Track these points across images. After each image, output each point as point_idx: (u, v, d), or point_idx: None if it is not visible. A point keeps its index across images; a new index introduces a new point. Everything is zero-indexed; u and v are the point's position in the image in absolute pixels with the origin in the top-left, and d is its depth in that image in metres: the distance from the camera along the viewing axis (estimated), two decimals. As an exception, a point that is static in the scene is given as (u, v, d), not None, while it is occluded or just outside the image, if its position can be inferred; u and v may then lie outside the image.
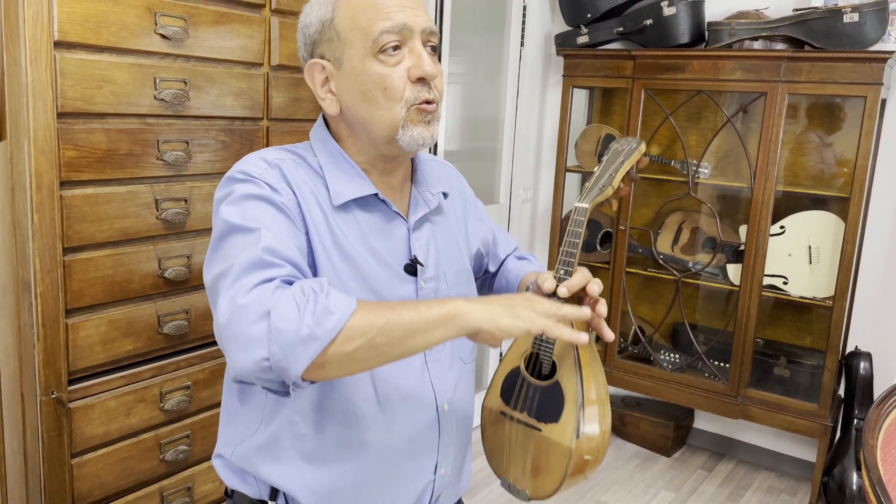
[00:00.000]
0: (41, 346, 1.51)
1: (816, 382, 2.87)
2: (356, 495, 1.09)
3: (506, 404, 1.16)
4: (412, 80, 1.04)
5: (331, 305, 0.88)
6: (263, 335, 0.85)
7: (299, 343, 0.85)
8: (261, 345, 0.85)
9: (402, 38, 1.03)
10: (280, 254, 0.93)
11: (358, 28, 1.03)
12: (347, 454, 1.07)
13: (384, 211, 1.11)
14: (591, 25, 3.17)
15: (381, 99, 1.04)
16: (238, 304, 0.87)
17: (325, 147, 1.11)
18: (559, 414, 1.11)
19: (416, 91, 1.04)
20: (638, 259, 3.27)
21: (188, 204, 1.74)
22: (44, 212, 1.48)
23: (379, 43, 1.02)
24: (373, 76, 1.03)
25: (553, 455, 1.10)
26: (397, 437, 1.09)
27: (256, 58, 1.84)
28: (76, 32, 1.48)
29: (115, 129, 1.58)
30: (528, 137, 3.51)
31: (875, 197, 2.86)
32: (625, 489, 2.94)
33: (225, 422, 1.16)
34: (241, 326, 0.86)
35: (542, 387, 1.13)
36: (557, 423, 1.11)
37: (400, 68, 1.03)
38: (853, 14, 2.61)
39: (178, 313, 1.76)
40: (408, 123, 1.05)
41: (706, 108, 3.15)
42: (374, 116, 1.05)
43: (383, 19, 1.02)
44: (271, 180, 1.02)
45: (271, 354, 0.85)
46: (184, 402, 1.79)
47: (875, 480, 1.59)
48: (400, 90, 1.04)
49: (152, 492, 1.77)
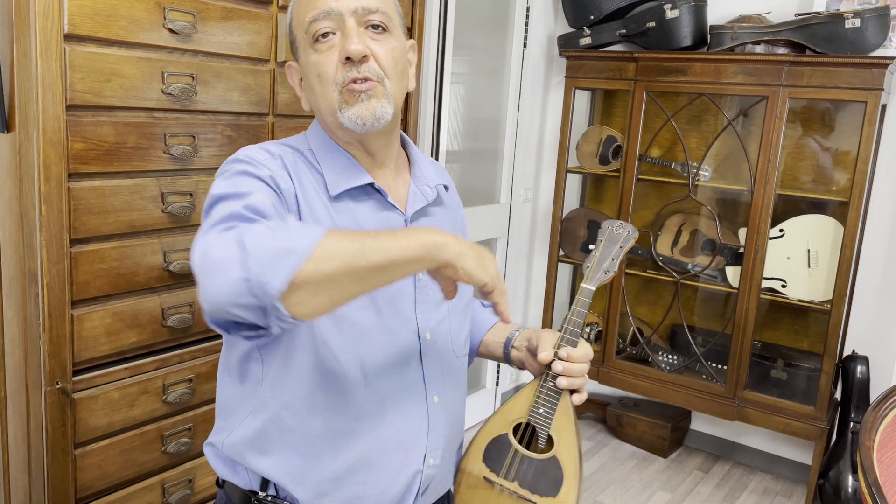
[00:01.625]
0: (47, 337, 1.52)
1: (813, 385, 2.89)
2: (345, 485, 1.09)
3: (491, 471, 1.17)
4: (341, 61, 1.05)
5: (303, 227, 0.86)
6: (239, 257, 0.81)
7: (277, 256, 0.81)
8: (237, 265, 0.81)
9: (334, 23, 1.05)
10: (262, 212, 0.93)
11: (299, 24, 1.08)
12: (336, 445, 1.08)
13: (379, 200, 1.13)
14: (594, 27, 3.18)
15: (318, 86, 1.07)
16: (212, 237, 0.86)
17: (320, 139, 1.13)
18: (557, 489, 1.13)
19: (344, 72, 1.05)
20: (637, 260, 3.29)
21: (194, 198, 1.76)
22: (51, 203, 1.49)
23: (310, 32, 1.06)
24: (311, 66, 1.07)
25: None
26: (385, 428, 1.10)
27: (263, 54, 1.86)
28: (86, 26, 1.49)
29: (122, 123, 1.59)
30: (530, 138, 3.53)
31: (874, 202, 2.88)
32: (621, 489, 2.96)
33: (217, 411, 1.18)
34: (216, 252, 0.83)
35: (537, 460, 1.15)
36: (555, 497, 1.13)
37: (332, 53, 1.05)
38: (855, 20, 2.63)
39: (182, 306, 1.77)
40: (343, 106, 1.06)
41: (707, 111, 3.17)
42: (319, 104, 1.09)
43: (312, 9, 1.05)
44: (272, 167, 1.04)
45: (249, 273, 0.80)
46: (186, 394, 1.80)
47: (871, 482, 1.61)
48: (330, 75, 1.05)
49: (154, 483, 1.78)
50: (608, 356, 3.24)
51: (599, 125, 3.39)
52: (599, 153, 3.28)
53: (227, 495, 1.16)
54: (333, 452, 1.08)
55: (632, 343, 3.31)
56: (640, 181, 3.13)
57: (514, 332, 1.29)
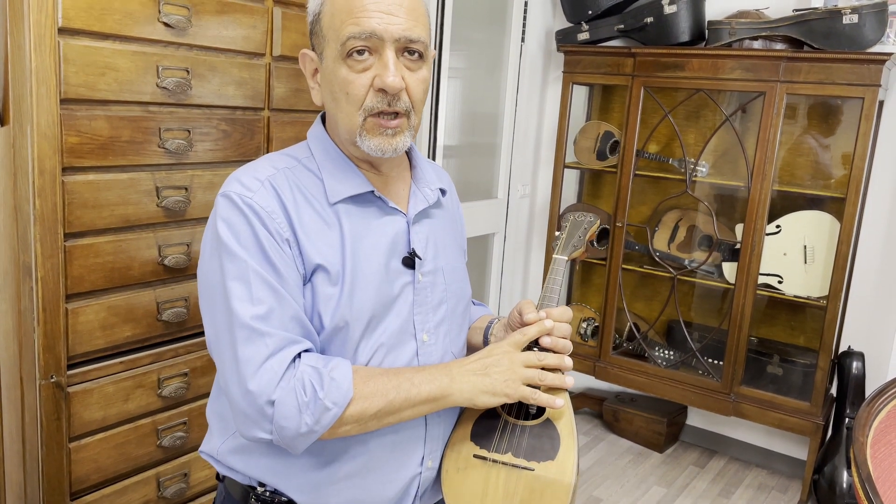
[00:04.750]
0: (41, 331, 1.52)
1: (809, 381, 2.89)
2: (343, 488, 1.10)
3: (482, 448, 1.14)
4: (375, 88, 1.03)
5: (328, 401, 0.98)
6: (269, 424, 0.98)
7: (299, 437, 0.99)
8: (266, 430, 0.99)
9: (371, 44, 1.02)
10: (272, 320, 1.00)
11: (333, 28, 1.04)
12: (334, 448, 1.08)
13: (381, 206, 1.13)
14: (592, 22, 3.18)
15: (343, 102, 1.05)
16: (247, 390, 0.98)
17: (322, 146, 1.13)
18: (555, 451, 1.12)
19: (375, 100, 1.03)
20: (634, 256, 3.29)
21: (189, 192, 1.75)
22: (46, 197, 1.49)
23: (346, 47, 1.02)
24: (339, 79, 1.04)
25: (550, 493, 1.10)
26: (384, 431, 1.10)
27: (258, 48, 1.85)
28: (80, 19, 1.49)
29: (117, 117, 1.59)
30: (528, 133, 3.52)
31: (870, 198, 2.88)
32: (617, 484, 2.97)
33: (210, 420, 1.18)
34: (251, 411, 0.99)
35: (531, 426, 1.14)
36: (554, 460, 1.11)
37: (365, 75, 1.03)
38: (853, 15, 2.63)
39: (177, 300, 1.77)
40: (363, 133, 1.05)
41: (705, 107, 3.16)
42: (339, 118, 1.08)
43: (353, 24, 1.01)
44: (263, 202, 1.03)
45: (274, 438, 1.00)
46: (181, 388, 1.81)
47: (864, 477, 1.61)
48: (359, 98, 1.04)
49: (149, 477, 1.78)
50: (605, 351, 3.25)
51: (597, 120, 3.39)
52: (597, 148, 3.28)
53: (227, 490, 1.16)
54: (332, 456, 1.09)
55: (628, 338, 3.32)
56: (637, 177, 3.13)
57: (493, 320, 1.30)
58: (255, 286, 1.00)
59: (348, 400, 0.99)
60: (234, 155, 1.84)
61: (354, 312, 1.06)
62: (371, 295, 1.08)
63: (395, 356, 1.11)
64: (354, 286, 1.06)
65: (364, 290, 1.07)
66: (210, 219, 1.07)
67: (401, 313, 1.12)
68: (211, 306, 1.04)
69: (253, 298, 0.99)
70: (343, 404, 0.99)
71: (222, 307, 1.01)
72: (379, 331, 1.09)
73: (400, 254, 1.12)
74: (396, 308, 1.11)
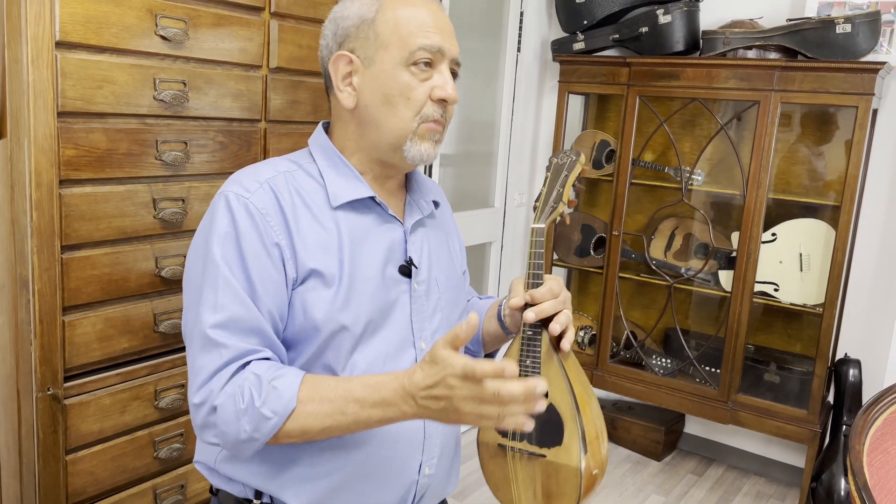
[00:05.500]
0: (38, 343, 1.52)
1: (806, 389, 2.89)
2: (340, 495, 1.10)
3: (502, 436, 1.19)
4: (433, 98, 1.10)
5: (266, 410, 0.98)
6: (214, 428, 1.01)
7: (239, 443, 1.00)
8: (213, 435, 1.02)
9: (434, 58, 1.10)
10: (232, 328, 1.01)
11: (399, 36, 1.08)
12: (333, 455, 1.09)
13: (379, 213, 1.15)
14: (588, 32, 3.19)
15: (401, 106, 1.09)
16: (193, 403, 1.03)
17: (325, 153, 1.15)
18: (561, 436, 1.15)
19: (432, 108, 1.10)
20: (631, 264, 3.30)
21: (185, 204, 1.76)
22: (43, 210, 1.49)
23: (415, 56, 1.08)
24: (400, 83, 1.09)
25: (563, 478, 1.14)
26: (382, 438, 1.11)
27: (255, 60, 1.86)
28: (78, 33, 1.49)
29: (114, 129, 1.60)
30: (524, 142, 3.54)
31: (865, 206, 2.89)
32: (615, 493, 2.96)
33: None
34: (198, 419, 1.03)
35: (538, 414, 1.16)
36: (561, 445, 1.15)
37: (426, 84, 1.10)
38: (846, 25, 2.64)
39: (173, 312, 1.77)
40: (415, 137, 1.10)
41: (700, 116, 3.18)
42: (389, 121, 1.10)
43: (423, 36, 1.08)
44: (259, 202, 1.05)
45: (221, 445, 1.03)
46: (178, 400, 1.81)
47: (861, 485, 1.62)
48: (420, 103, 1.10)
49: (146, 489, 1.78)
50: (602, 360, 3.25)
51: (593, 129, 3.40)
52: (593, 157, 3.29)
53: (222, 503, 1.16)
54: (330, 463, 1.09)
55: (626, 347, 3.32)
56: (633, 185, 3.14)
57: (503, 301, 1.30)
58: (223, 293, 1.02)
59: (289, 411, 0.98)
60: (230, 166, 1.84)
61: (351, 316, 1.07)
62: (368, 299, 1.09)
63: (394, 364, 1.11)
64: (352, 290, 1.07)
65: (361, 294, 1.08)
66: (205, 216, 1.09)
67: (399, 321, 1.13)
68: (187, 301, 1.07)
69: (217, 305, 1.01)
70: (284, 414, 0.98)
71: (193, 308, 1.05)
72: (377, 338, 1.10)
73: (396, 262, 1.14)
74: (394, 315, 1.12)
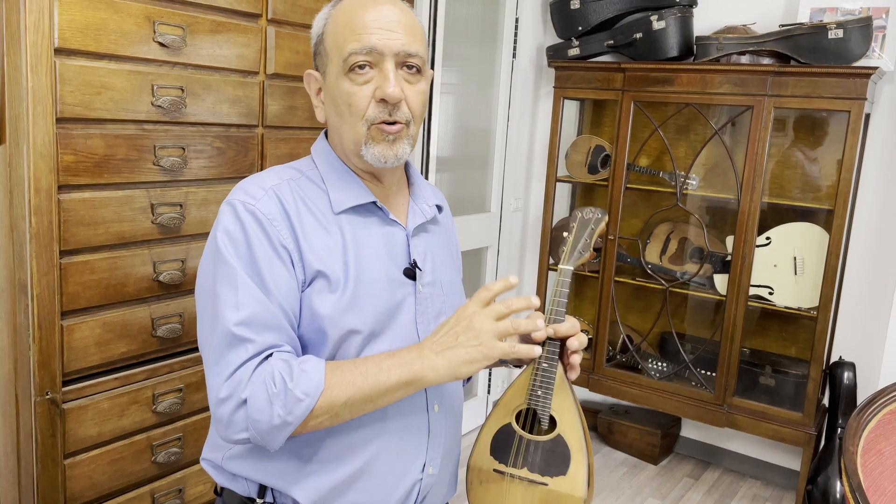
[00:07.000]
0: (36, 348, 1.53)
1: (801, 392, 2.91)
2: (346, 493, 1.12)
3: (500, 462, 1.20)
4: (376, 100, 1.09)
5: (299, 392, 1.00)
6: (243, 423, 1.01)
7: (273, 430, 1.00)
8: (242, 430, 1.01)
9: (372, 59, 1.08)
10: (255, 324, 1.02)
11: (336, 46, 1.10)
12: (339, 454, 1.10)
13: (381, 217, 1.17)
14: (582, 38, 3.22)
15: (347, 115, 1.11)
16: (219, 398, 1.02)
17: (326, 159, 1.17)
18: (566, 466, 1.16)
19: (377, 111, 1.09)
20: (626, 268, 3.31)
21: (183, 209, 1.77)
22: (41, 215, 1.50)
23: (348, 63, 1.08)
24: (342, 93, 1.10)
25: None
26: (388, 437, 1.13)
27: (252, 66, 1.88)
28: (76, 39, 1.51)
29: (112, 135, 1.61)
30: (520, 147, 3.55)
31: (859, 209, 2.91)
32: (612, 496, 2.97)
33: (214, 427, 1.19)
34: (225, 413, 1.01)
35: (543, 442, 1.18)
36: (566, 476, 1.16)
37: (367, 87, 1.09)
38: (838, 30, 2.67)
39: (171, 316, 1.78)
40: (369, 141, 1.11)
41: (694, 121, 3.20)
42: (344, 130, 1.13)
43: (354, 41, 1.08)
44: (266, 209, 1.07)
45: (251, 437, 1.02)
46: (176, 404, 1.81)
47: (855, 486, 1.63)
48: (362, 109, 1.09)
49: (144, 493, 1.78)
50: (598, 364, 3.26)
51: (588, 135, 3.42)
52: (588, 162, 3.31)
53: (226, 503, 1.17)
54: (336, 461, 1.11)
55: (622, 351, 3.33)
56: (628, 190, 3.16)
57: None
58: (242, 292, 1.03)
59: (320, 391, 1.00)
60: (228, 172, 1.86)
61: (358, 318, 1.09)
62: (374, 301, 1.11)
63: None
64: (357, 292, 1.09)
65: (367, 297, 1.10)
66: (213, 227, 1.11)
67: (405, 323, 1.14)
68: (202, 310, 1.08)
69: (238, 304, 1.03)
70: (315, 395, 1.00)
71: (210, 311, 1.05)
72: (383, 339, 1.12)
73: (400, 265, 1.16)
74: (400, 318, 1.14)
